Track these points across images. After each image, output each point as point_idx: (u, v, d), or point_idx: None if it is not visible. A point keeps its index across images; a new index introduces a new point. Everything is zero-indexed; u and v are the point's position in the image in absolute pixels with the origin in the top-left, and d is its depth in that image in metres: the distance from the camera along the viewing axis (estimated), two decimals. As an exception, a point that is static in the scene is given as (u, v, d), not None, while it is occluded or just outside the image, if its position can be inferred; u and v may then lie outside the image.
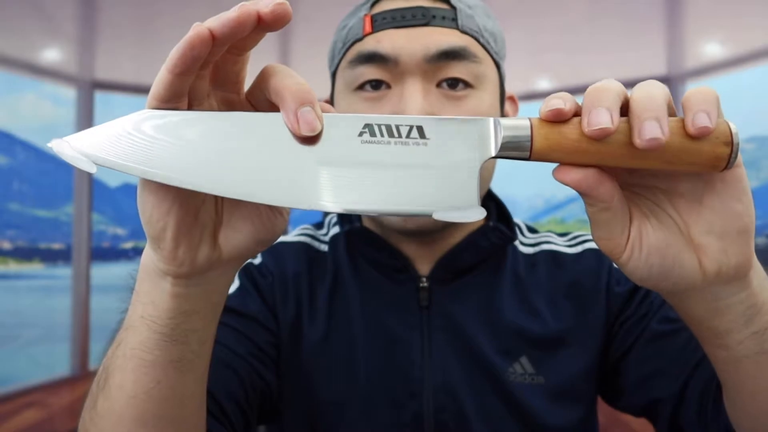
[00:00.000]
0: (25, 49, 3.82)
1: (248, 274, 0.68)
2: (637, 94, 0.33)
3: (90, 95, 4.33)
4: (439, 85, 0.59)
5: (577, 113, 0.34)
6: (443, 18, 0.59)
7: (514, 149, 0.34)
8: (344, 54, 0.63)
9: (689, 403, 0.56)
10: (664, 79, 4.20)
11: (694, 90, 0.34)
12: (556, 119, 0.33)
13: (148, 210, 0.37)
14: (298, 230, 0.74)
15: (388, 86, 0.60)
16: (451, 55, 0.58)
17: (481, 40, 0.61)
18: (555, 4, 3.18)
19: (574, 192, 0.35)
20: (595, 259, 0.68)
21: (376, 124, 0.33)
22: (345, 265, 0.68)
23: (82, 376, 4.02)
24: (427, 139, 0.33)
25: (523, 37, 3.43)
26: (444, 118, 0.34)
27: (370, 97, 0.60)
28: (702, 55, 3.95)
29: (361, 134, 0.33)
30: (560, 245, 0.71)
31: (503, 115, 0.66)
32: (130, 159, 0.33)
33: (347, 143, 0.33)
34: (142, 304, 0.40)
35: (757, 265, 0.38)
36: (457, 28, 0.59)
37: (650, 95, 0.33)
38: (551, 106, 0.33)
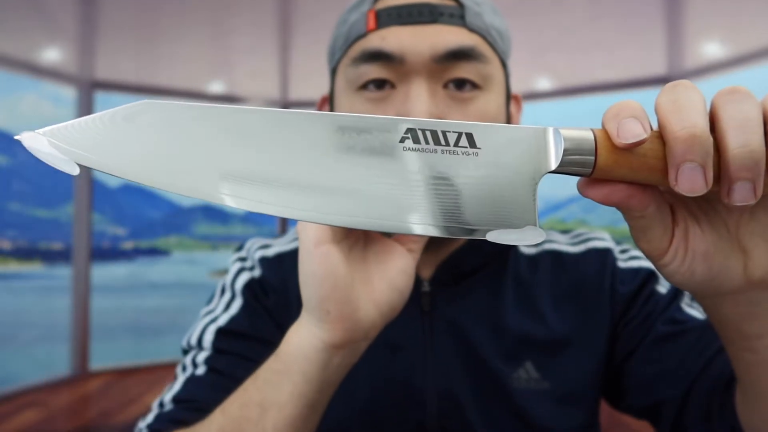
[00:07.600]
0: (25, 49, 3.82)
1: (252, 290, 0.65)
2: (734, 141, 0.29)
3: (90, 95, 4.33)
4: (445, 86, 0.56)
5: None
6: (451, 15, 0.56)
7: (575, 165, 0.29)
8: (346, 51, 0.59)
9: (695, 406, 0.55)
10: (664, 79, 4.20)
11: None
12: (637, 147, 0.29)
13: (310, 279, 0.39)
14: (291, 235, 0.70)
15: (393, 86, 0.57)
16: (459, 55, 0.55)
17: (489, 38, 0.58)
18: (555, 3, 3.18)
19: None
20: (599, 260, 0.66)
21: (420, 129, 0.29)
22: None
23: (82, 376, 4.00)
24: (478, 148, 0.29)
25: (523, 36, 3.42)
26: (497, 125, 0.30)
27: (374, 98, 0.57)
28: (702, 55, 3.95)
29: (402, 140, 0.29)
30: (562, 244, 0.69)
31: (508, 114, 0.63)
32: (124, 160, 0.26)
33: (387, 151, 0.29)
34: (293, 383, 0.43)
35: None
36: (464, 26, 0.57)
37: (752, 152, 0.28)
38: (634, 136, 0.28)
